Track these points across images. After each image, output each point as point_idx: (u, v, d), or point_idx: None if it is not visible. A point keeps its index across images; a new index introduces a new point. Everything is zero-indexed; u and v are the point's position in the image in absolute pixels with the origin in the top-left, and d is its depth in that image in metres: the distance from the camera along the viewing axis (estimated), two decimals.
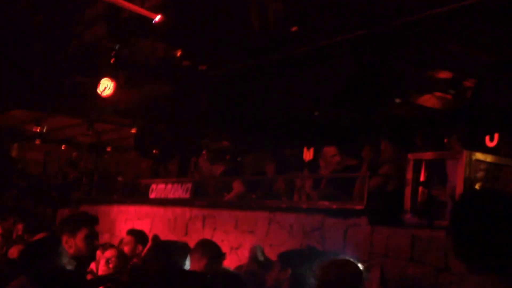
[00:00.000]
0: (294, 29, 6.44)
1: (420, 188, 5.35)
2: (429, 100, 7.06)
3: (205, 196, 8.16)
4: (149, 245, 6.35)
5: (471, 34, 5.25)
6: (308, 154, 8.51)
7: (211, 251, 4.39)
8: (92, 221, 4.30)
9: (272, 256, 5.94)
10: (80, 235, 4.09)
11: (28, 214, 9.25)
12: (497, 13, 4.86)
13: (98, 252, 5.29)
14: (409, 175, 5.47)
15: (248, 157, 10.10)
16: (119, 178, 11.36)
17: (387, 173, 5.97)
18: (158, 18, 7.10)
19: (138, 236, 6.28)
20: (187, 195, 8.22)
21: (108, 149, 13.26)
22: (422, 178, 5.29)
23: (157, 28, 7.41)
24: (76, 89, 10.08)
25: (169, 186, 8.66)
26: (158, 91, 9.09)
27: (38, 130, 11.30)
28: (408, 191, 5.41)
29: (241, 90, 8.40)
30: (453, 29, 5.24)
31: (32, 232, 5.96)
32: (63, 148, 12.78)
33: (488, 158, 5.13)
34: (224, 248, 6.67)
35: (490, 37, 5.21)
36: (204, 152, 9.19)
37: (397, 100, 7.00)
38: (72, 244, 4.05)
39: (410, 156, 5.45)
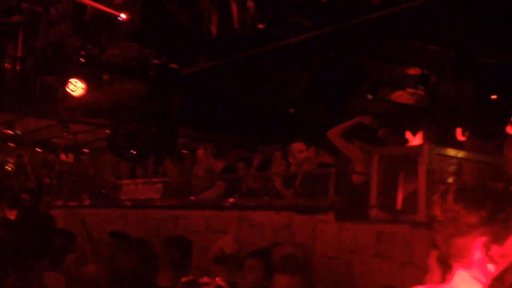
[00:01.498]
0: (261, 26, 6.41)
1: (385, 183, 5.31)
2: (401, 96, 7.07)
3: (177, 196, 8.07)
4: None
5: (432, 30, 5.25)
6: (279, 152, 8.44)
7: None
8: None
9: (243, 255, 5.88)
10: None
11: None
12: (455, 10, 4.86)
13: None
14: (374, 171, 5.43)
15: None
16: (94, 180, 11.23)
17: (350, 168, 5.95)
18: (124, 16, 7.04)
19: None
20: (158, 196, 8.13)
21: (85, 150, 13.13)
22: (386, 173, 5.25)
23: (126, 27, 7.34)
24: (48, 90, 9.96)
25: (140, 186, 8.57)
26: (130, 91, 9.00)
27: (11, 132, 11.15)
28: (373, 186, 5.37)
29: (213, 88, 8.35)
30: (416, 25, 5.24)
31: None
32: (38, 150, 12.64)
33: (451, 152, 5.10)
34: (195, 249, 6.62)
35: (449, 33, 5.22)
36: (206, 146, 9.02)
37: (369, 97, 6.99)
38: None
39: (375, 151, 5.41)
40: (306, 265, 3.81)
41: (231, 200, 7.30)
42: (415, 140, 6.82)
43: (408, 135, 6.38)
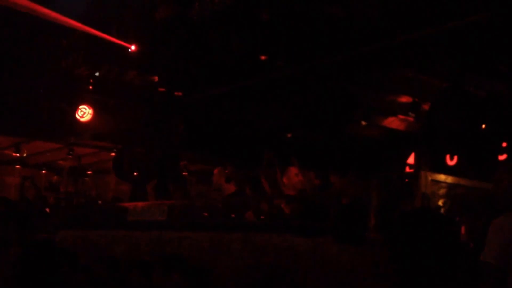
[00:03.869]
0: (263, 57, 6.79)
1: (383, 206, 5.65)
2: (393, 122, 7.44)
3: (181, 218, 8.35)
4: None
5: (423, 61, 5.63)
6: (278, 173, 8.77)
7: None
8: None
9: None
10: None
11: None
12: (447, 44, 5.24)
13: None
14: (373, 194, 5.78)
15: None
16: (99, 202, 11.52)
17: (349, 192, 6.29)
18: (133, 48, 7.41)
19: None
20: (163, 217, 8.41)
21: (89, 172, 13.41)
22: (383, 197, 5.60)
23: (133, 57, 7.71)
24: (54, 114, 10.30)
25: (146, 208, 8.85)
26: (136, 116, 9.35)
27: (18, 155, 11.46)
28: (371, 209, 5.71)
29: (216, 114, 8.70)
30: (408, 57, 5.62)
31: None
32: (43, 172, 12.93)
33: (443, 177, 5.46)
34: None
35: (440, 64, 5.60)
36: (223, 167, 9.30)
37: (363, 123, 7.36)
38: None
39: (373, 176, 5.76)
40: None
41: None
42: (406, 162, 7.21)
43: (402, 159, 6.78)
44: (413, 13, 5.35)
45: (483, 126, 5.66)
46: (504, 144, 5.91)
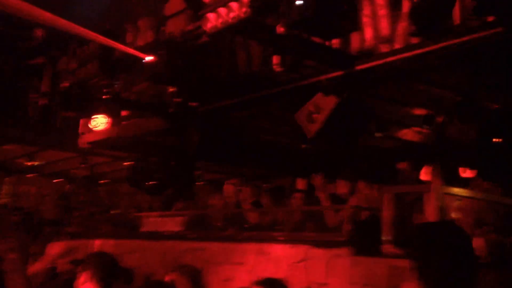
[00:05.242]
0: (278, 69, 6.82)
1: (397, 219, 5.66)
2: (407, 134, 7.47)
3: (196, 229, 8.40)
4: None
5: (437, 75, 5.67)
6: (301, 184, 8.85)
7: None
8: None
9: None
10: None
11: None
12: (460, 58, 5.27)
13: None
14: (386, 207, 5.78)
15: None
16: (112, 211, 11.59)
17: (357, 203, 6.31)
18: (148, 58, 7.48)
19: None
20: (177, 228, 8.47)
21: (102, 181, 13.51)
22: (397, 210, 5.61)
23: (148, 67, 7.78)
24: (68, 123, 10.41)
25: (159, 219, 8.91)
26: (151, 126, 9.41)
27: (31, 164, 11.58)
28: (386, 222, 5.71)
29: (231, 125, 8.75)
30: (421, 71, 5.66)
31: None
32: (56, 181, 13.05)
33: (458, 191, 5.47)
34: (215, 280, 6.95)
35: (454, 78, 5.63)
36: (232, 181, 9.38)
37: (378, 134, 7.38)
38: None
39: (387, 189, 5.77)
40: None
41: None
42: (423, 175, 7.23)
43: (422, 171, 6.79)
44: (428, 27, 5.37)
45: (496, 139, 5.67)
46: None
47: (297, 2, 5.16)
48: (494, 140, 5.56)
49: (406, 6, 5.61)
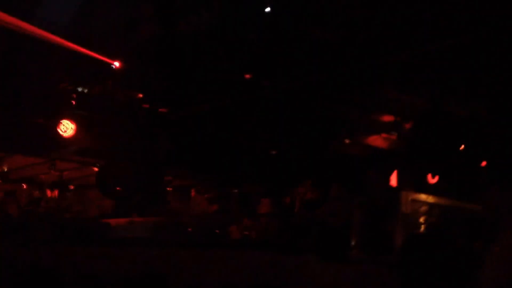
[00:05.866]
0: (247, 76, 6.85)
1: (364, 225, 5.71)
2: (376, 141, 7.54)
3: (171, 236, 8.32)
4: None
5: (408, 82, 5.74)
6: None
7: None
8: None
9: None
10: None
11: None
12: (429, 65, 5.35)
13: None
14: (356, 214, 5.83)
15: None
16: (80, 217, 11.43)
17: (332, 210, 6.35)
18: (117, 64, 7.43)
19: None
20: (146, 234, 8.39)
21: (71, 187, 13.31)
22: (366, 217, 5.66)
23: (117, 73, 7.72)
24: (36, 129, 10.23)
25: (129, 225, 8.82)
26: (119, 132, 9.33)
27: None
28: (354, 228, 5.76)
29: (200, 131, 8.73)
30: (391, 78, 5.73)
31: None
32: (24, 187, 12.81)
33: (424, 197, 5.54)
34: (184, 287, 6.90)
35: (422, 85, 5.71)
36: (198, 188, 9.35)
37: (347, 141, 7.44)
38: None
39: (355, 196, 5.82)
40: None
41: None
42: (392, 181, 7.30)
43: (384, 177, 6.86)
44: (395, 35, 5.45)
45: (463, 146, 5.78)
46: (483, 164, 6.03)
47: (266, 10, 5.20)
48: (461, 147, 5.66)
49: None
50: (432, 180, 6.71)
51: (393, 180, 6.59)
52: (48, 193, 12.86)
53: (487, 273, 3.04)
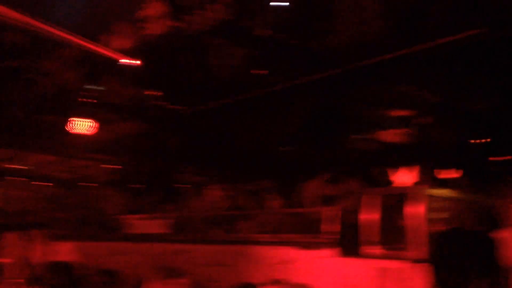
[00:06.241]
0: (260, 72, 6.86)
1: (382, 221, 5.69)
2: (392, 136, 7.51)
3: (185, 232, 8.36)
4: None
5: (419, 77, 5.71)
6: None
7: None
8: None
9: None
10: None
11: None
12: (443, 60, 5.32)
13: None
14: (368, 209, 5.82)
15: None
16: (97, 214, 11.53)
17: (348, 206, 6.34)
18: (125, 61, 7.46)
19: None
20: (162, 230, 8.45)
21: (87, 184, 13.43)
22: (380, 212, 5.65)
23: (130, 71, 7.77)
24: (52, 128, 10.34)
25: (148, 221, 8.88)
26: (130, 129, 9.40)
27: (18, 168, 11.51)
28: (370, 224, 5.74)
29: (212, 128, 8.76)
30: (402, 72, 5.70)
31: None
32: (42, 184, 12.96)
33: (439, 192, 5.51)
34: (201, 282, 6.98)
35: (436, 81, 5.68)
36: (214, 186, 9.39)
37: (357, 136, 7.43)
38: None
39: (369, 191, 5.80)
40: None
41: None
42: (403, 177, 7.25)
43: (398, 173, 6.82)
44: (408, 29, 5.43)
45: (476, 140, 5.75)
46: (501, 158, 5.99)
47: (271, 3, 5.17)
48: (473, 141, 5.63)
49: None
50: (444, 174, 6.68)
51: (404, 175, 6.56)
52: (67, 190, 13.00)
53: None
